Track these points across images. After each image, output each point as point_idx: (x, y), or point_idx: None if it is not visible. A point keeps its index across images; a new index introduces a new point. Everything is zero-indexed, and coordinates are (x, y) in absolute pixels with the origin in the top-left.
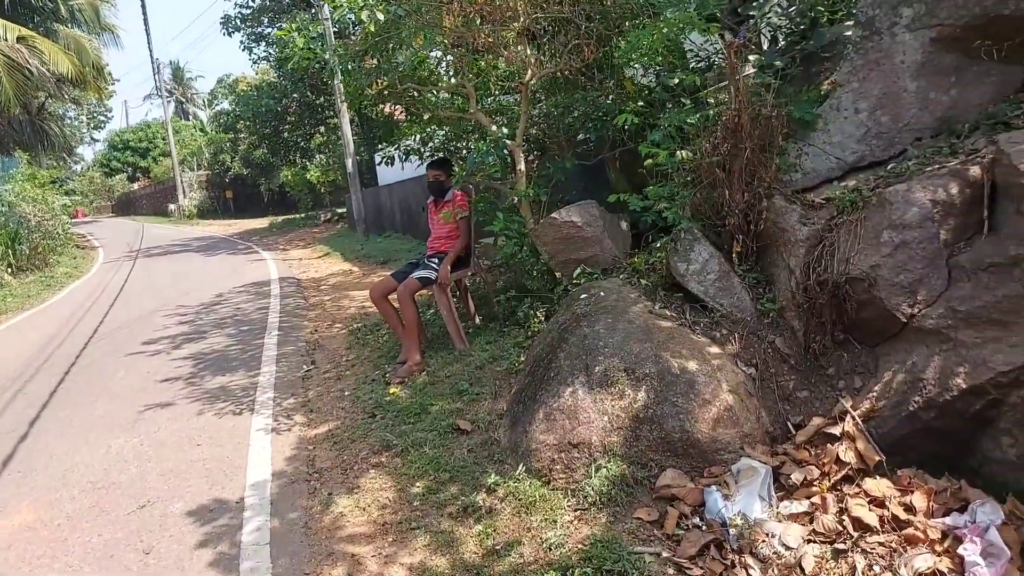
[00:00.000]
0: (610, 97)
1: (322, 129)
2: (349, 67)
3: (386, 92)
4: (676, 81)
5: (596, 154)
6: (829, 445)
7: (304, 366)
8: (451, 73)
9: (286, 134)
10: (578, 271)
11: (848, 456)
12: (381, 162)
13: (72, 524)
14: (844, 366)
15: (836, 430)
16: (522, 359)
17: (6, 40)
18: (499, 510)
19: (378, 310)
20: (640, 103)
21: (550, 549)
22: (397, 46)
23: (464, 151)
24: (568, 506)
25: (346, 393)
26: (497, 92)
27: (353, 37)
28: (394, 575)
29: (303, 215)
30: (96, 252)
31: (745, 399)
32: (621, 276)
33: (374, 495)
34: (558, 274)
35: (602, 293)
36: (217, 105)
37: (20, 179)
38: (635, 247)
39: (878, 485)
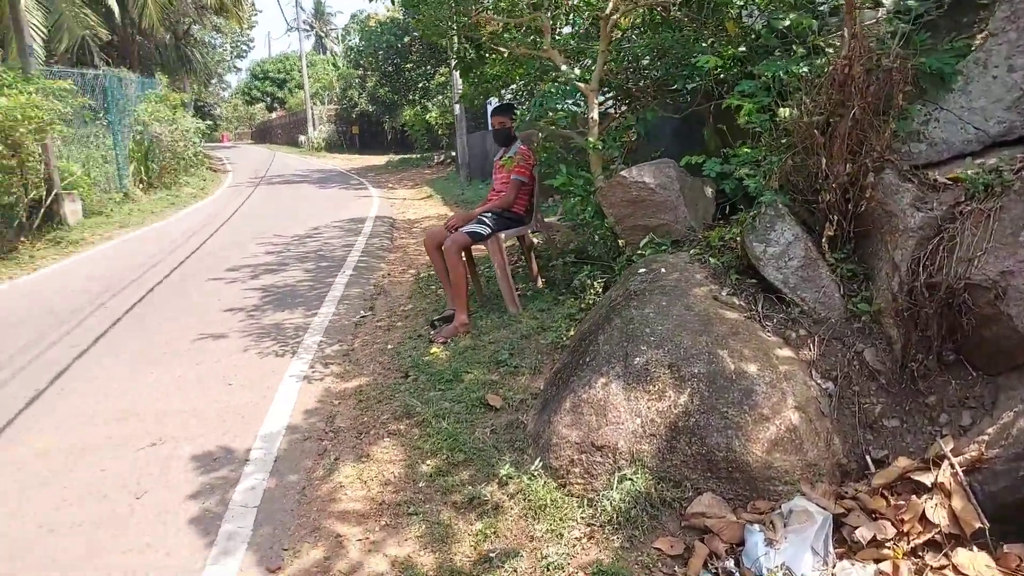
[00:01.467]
0: (709, 40)
1: (442, 69)
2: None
3: (460, 24)
4: (787, 23)
5: (689, 106)
6: (915, 496)
7: (361, 311)
8: (528, 3)
9: (407, 73)
10: (645, 240)
11: (938, 516)
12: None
13: (84, 455)
14: (950, 396)
15: (927, 478)
16: (571, 333)
17: None
18: (506, 508)
19: (431, 260)
20: (741, 48)
21: (548, 570)
22: None
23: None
24: (581, 518)
25: (389, 346)
26: (578, 28)
27: None
28: (374, 567)
29: (419, 155)
30: (226, 176)
31: (815, 420)
32: (692, 251)
33: (380, 468)
34: (622, 241)
35: (663, 269)
36: (349, 41)
37: (154, 99)
38: (720, 217)
39: (974, 561)
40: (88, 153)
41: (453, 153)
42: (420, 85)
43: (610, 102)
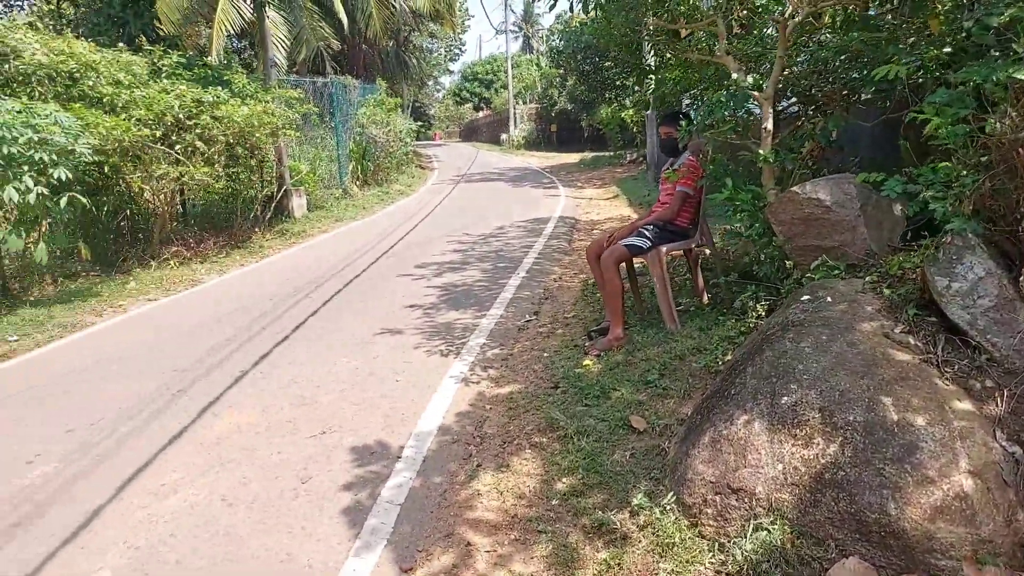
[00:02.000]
0: (909, 40)
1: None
2: (601, 2)
3: (635, 28)
4: (1005, 18)
5: (881, 115)
6: None
7: (527, 315)
8: (707, 7)
9: (605, 71)
10: (817, 262)
11: None
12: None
13: (266, 436)
14: None
15: None
16: (727, 358)
17: None
18: (633, 540)
19: (591, 270)
20: (946, 49)
21: None
22: None
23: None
24: (709, 563)
25: (545, 355)
26: (756, 31)
27: None
28: None
29: (612, 153)
30: (431, 174)
31: (994, 488)
32: (867, 279)
33: (518, 480)
34: (791, 262)
35: (828, 298)
36: (551, 41)
37: (372, 104)
38: (908, 241)
39: None
40: (315, 153)
41: (645, 151)
42: (617, 83)
43: (793, 108)
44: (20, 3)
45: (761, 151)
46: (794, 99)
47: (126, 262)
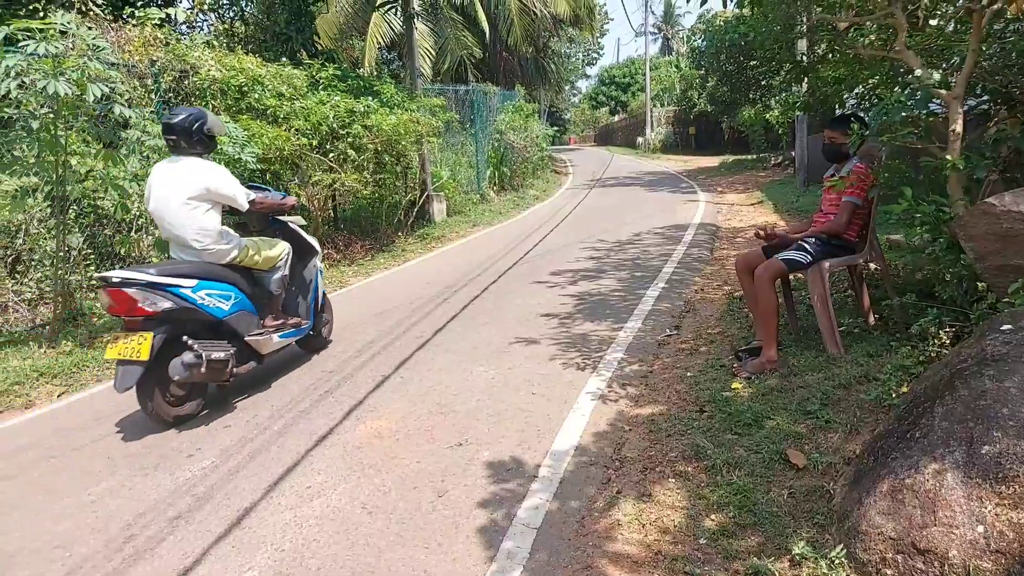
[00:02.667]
0: None
1: (787, 66)
2: None
3: (794, 23)
4: None
5: None
6: None
7: (667, 329)
8: None
9: (750, 71)
10: (1016, 285)
11: None
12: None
13: (405, 444)
14: None
15: None
16: (902, 391)
17: None
18: None
19: (740, 284)
20: None
21: None
22: None
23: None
24: None
25: (688, 374)
26: (942, 23)
27: None
28: None
29: (754, 156)
30: (566, 179)
31: None
32: None
33: (661, 512)
34: (983, 284)
35: None
36: (693, 41)
37: (511, 110)
38: None
39: None
40: (455, 159)
41: (792, 154)
42: (762, 83)
43: (982, 107)
44: (200, 24)
45: (948, 157)
46: (985, 97)
47: None
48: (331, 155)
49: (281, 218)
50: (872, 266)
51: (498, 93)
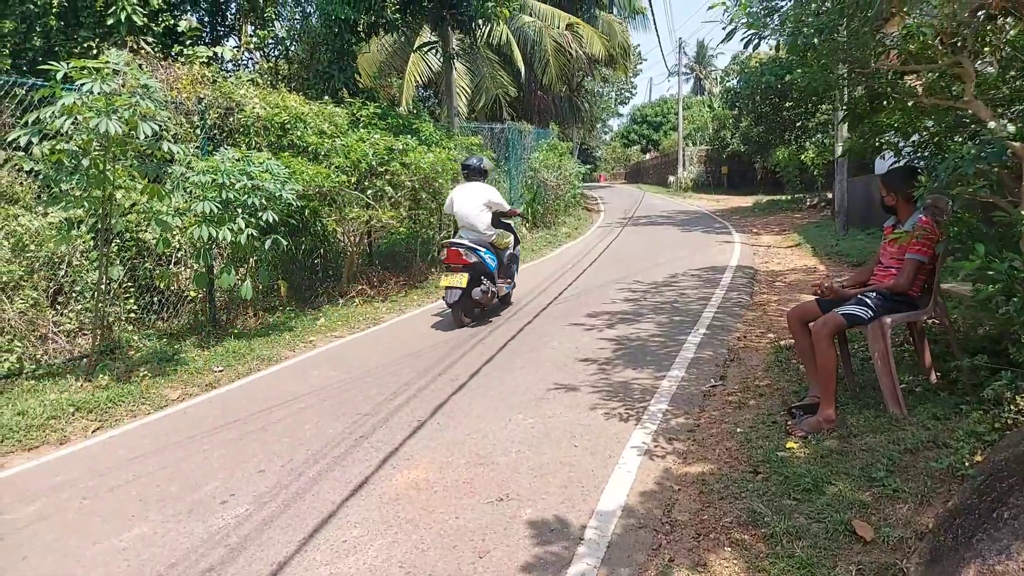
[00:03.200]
0: None
1: (824, 107)
2: (815, 42)
3: (853, 72)
4: None
5: None
6: None
7: (712, 380)
8: (944, 44)
9: (785, 112)
10: None
11: None
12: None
13: (443, 497)
14: None
15: None
16: (977, 459)
17: (557, 27)
18: None
19: (792, 337)
20: None
21: None
22: (869, 14)
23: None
24: None
25: (739, 430)
26: (1013, 74)
27: None
28: None
29: (789, 197)
30: (597, 216)
31: None
32: None
33: None
34: None
35: None
36: (727, 82)
37: (545, 148)
38: None
39: None
40: None
41: (829, 195)
42: (798, 124)
43: None
44: (246, 63)
45: (1023, 211)
46: None
47: (317, 298)
48: (369, 191)
49: (506, 220)
50: (932, 321)
51: (532, 131)
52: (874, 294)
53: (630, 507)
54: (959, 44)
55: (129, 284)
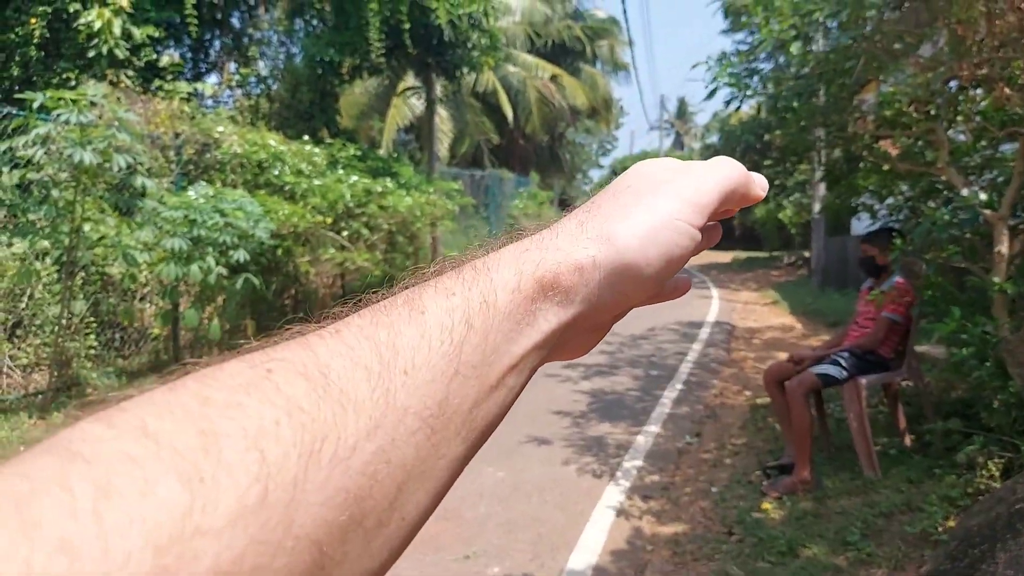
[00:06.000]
0: None
1: (802, 167)
2: (794, 104)
3: (830, 134)
4: None
5: None
6: None
7: (687, 436)
8: (918, 112)
9: (764, 170)
10: None
11: None
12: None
13: (407, 553)
14: None
15: None
16: (949, 524)
17: (541, 78)
18: None
19: (769, 396)
20: None
21: None
22: (847, 81)
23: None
24: None
25: (713, 489)
26: (984, 144)
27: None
28: None
29: (767, 254)
30: None
31: None
32: None
33: None
34: None
35: None
36: (707, 139)
37: (525, 196)
38: None
39: None
40: (468, 242)
41: (805, 254)
42: (776, 183)
43: None
44: (226, 100)
45: (996, 279)
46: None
47: None
48: (344, 233)
49: None
50: (906, 383)
51: (513, 179)
52: (847, 353)
53: (601, 567)
54: (932, 112)
55: (91, 319)
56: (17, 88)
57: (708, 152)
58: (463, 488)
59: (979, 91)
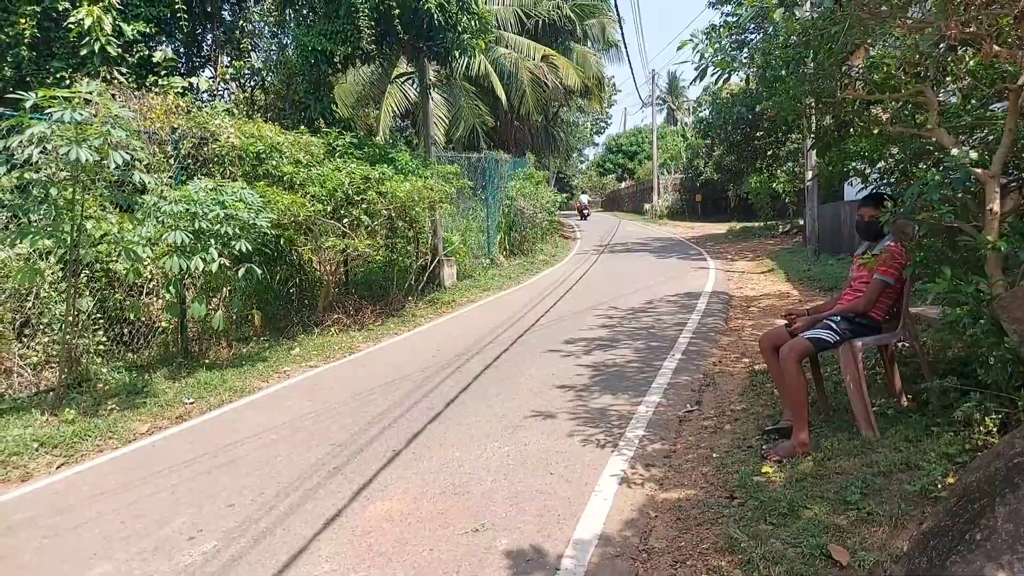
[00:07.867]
0: None
1: (794, 135)
2: (783, 74)
3: (820, 102)
4: None
5: None
6: None
7: (688, 404)
8: (909, 73)
9: (757, 141)
10: None
11: None
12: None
13: (417, 528)
14: None
15: None
16: (948, 481)
17: (533, 59)
18: None
19: (765, 362)
20: None
21: None
22: (834, 47)
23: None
24: None
25: (715, 455)
26: (974, 103)
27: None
28: None
29: (762, 224)
30: (574, 243)
31: None
32: None
33: None
34: None
35: None
36: (699, 112)
37: (522, 177)
38: None
39: None
40: (466, 224)
41: (800, 222)
42: (769, 153)
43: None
44: (221, 93)
45: (988, 237)
46: (1014, 173)
47: (292, 328)
48: (345, 220)
49: None
50: (902, 345)
51: (509, 160)
52: (838, 318)
53: (607, 535)
54: (922, 74)
55: (98, 315)
56: (10, 89)
57: (701, 126)
58: (470, 464)
59: (968, 50)
